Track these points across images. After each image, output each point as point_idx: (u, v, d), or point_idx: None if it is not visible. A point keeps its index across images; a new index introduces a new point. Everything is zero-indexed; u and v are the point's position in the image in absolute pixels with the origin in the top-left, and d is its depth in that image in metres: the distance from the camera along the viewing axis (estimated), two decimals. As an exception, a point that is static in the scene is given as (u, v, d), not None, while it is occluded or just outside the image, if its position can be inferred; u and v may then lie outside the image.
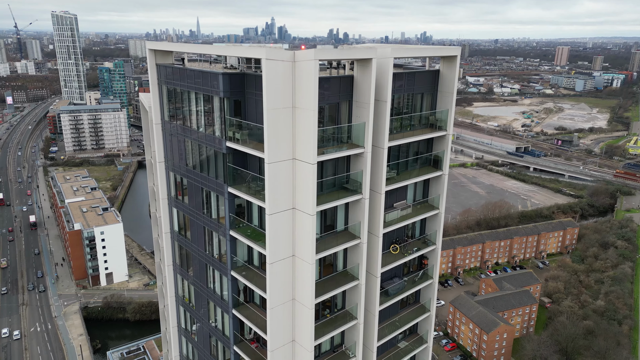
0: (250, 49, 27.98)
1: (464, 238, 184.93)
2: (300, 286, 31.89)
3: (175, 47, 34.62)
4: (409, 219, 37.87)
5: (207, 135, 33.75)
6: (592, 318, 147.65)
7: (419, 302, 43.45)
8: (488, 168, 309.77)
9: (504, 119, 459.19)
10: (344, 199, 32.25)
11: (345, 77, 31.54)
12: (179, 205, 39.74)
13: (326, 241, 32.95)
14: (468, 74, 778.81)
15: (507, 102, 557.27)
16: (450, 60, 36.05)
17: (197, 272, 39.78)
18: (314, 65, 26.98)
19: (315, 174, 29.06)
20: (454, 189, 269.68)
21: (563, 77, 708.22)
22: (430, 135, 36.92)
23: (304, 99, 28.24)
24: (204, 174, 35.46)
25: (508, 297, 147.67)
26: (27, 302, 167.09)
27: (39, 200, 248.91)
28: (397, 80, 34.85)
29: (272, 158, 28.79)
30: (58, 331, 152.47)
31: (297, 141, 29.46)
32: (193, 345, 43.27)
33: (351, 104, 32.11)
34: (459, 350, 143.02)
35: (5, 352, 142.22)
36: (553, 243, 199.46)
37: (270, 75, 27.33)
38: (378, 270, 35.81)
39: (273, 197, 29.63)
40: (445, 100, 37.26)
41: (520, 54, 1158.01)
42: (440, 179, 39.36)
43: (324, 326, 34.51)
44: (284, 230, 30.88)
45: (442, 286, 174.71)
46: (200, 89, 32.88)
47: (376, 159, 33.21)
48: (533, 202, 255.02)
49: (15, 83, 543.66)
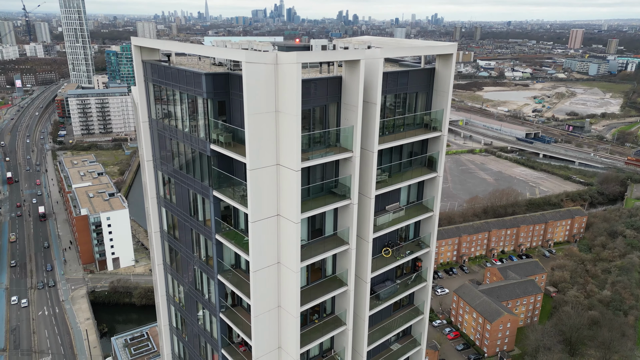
0: (231, 51, 26.75)
1: (469, 226, 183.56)
2: (285, 294, 31.19)
3: (159, 45, 33.47)
4: (402, 222, 36.85)
5: (192, 136, 32.80)
6: (598, 308, 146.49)
7: (412, 304, 42.66)
8: (497, 154, 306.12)
9: (515, 103, 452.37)
10: (331, 205, 31.28)
11: (333, 79, 30.28)
12: (168, 205, 39.05)
13: (313, 247, 32.08)
14: (479, 57, 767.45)
15: (518, 87, 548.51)
16: (446, 58, 34.52)
17: (185, 273, 39.25)
18: (296, 69, 25.76)
19: (299, 181, 28.05)
20: (462, 176, 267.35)
21: (576, 60, 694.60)
22: (424, 136, 35.62)
23: (286, 103, 27.09)
24: (190, 176, 34.63)
25: (513, 286, 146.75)
26: (36, 286, 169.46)
27: (48, 185, 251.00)
28: (390, 80, 33.49)
29: (254, 164, 27.78)
30: (65, 315, 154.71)
31: (280, 146, 28.40)
32: (184, 345, 43.04)
33: (340, 105, 30.89)
34: (462, 338, 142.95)
35: (14, 335, 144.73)
36: (560, 232, 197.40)
37: (251, 79, 26.16)
38: (368, 275, 34.97)
39: (256, 204, 28.72)
40: (440, 99, 35.82)
41: (534, 36, 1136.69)
42: (434, 180, 38.13)
43: (312, 332, 33.89)
44: (268, 238, 30.04)
45: (446, 274, 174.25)
46: (185, 88, 31.83)
47: (366, 163, 32.08)
48: (541, 189, 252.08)
49: (24, 66, 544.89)
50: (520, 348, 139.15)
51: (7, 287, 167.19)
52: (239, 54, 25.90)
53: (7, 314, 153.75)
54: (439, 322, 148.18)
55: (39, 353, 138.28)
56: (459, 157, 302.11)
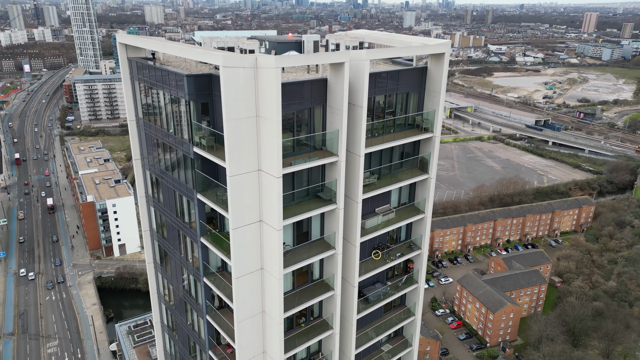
0: (208, 54, 25.84)
1: (475, 215, 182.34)
2: (269, 300, 30.80)
3: (141, 43, 32.62)
4: (392, 224, 36.14)
5: (176, 137, 32.19)
6: (603, 299, 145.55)
7: (404, 305, 42.17)
8: (505, 142, 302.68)
9: (525, 90, 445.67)
10: (315, 210, 30.64)
11: (318, 81, 29.36)
12: (156, 205, 38.68)
13: (299, 252, 31.57)
14: (490, 41, 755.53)
15: (529, 72, 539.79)
16: (439, 57, 33.39)
17: (174, 273, 39.02)
18: (275, 74, 24.90)
19: (280, 187, 27.38)
20: (469, 164, 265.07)
21: (589, 45, 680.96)
22: (414, 138, 34.68)
23: (267, 108, 26.30)
24: (175, 177, 34.12)
25: (517, 276, 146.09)
26: (43, 271, 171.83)
27: (56, 171, 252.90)
28: (380, 80, 32.51)
29: (234, 170, 27.13)
30: (72, 300, 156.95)
31: (262, 152, 27.69)
32: (174, 343, 43.08)
33: (325, 108, 30.04)
34: (464, 328, 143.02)
35: (22, 320, 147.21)
36: (567, 221, 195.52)
37: (230, 83, 25.36)
38: (355, 279, 34.45)
39: (237, 210, 28.14)
40: (432, 99, 34.77)
41: (547, 20, 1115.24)
42: (426, 182, 37.25)
43: (298, 337, 33.58)
44: (250, 244, 29.54)
45: (451, 263, 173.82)
46: (168, 88, 31.13)
47: (352, 166, 31.33)
48: (550, 177, 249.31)
49: (32, 50, 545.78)
50: (523, 338, 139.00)
51: (15, 272, 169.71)
52: (216, 57, 25.07)
53: (16, 298, 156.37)
54: (442, 312, 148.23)
55: (46, 337, 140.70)
56: (466, 145, 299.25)
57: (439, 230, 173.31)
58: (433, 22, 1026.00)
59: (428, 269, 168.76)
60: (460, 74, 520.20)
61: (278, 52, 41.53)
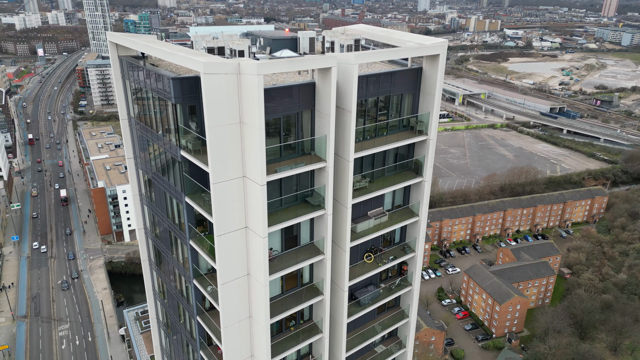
0: (189, 59, 25.19)
1: (484, 205, 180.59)
2: (255, 305, 30.64)
3: (128, 43, 32.08)
4: (385, 228, 35.59)
5: (164, 139, 31.87)
6: (612, 292, 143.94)
7: (399, 306, 41.82)
8: (518, 130, 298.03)
9: (541, 76, 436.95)
10: (303, 216, 30.21)
11: (305, 85, 28.65)
12: (149, 204, 38.60)
13: (287, 258, 31.27)
14: (506, 25, 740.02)
15: (545, 58, 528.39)
16: (434, 58, 32.40)
17: (167, 272, 39.09)
18: (257, 81, 24.29)
19: (264, 195, 26.96)
20: (480, 152, 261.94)
21: (609, 30, 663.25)
22: (407, 141, 33.86)
23: (249, 115, 25.75)
24: (165, 179, 33.90)
25: (525, 268, 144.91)
26: (55, 255, 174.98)
27: (69, 156, 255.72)
28: (372, 82, 31.67)
29: (217, 178, 26.75)
30: (83, 284, 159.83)
31: (246, 159, 27.23)
32: (169, 340, 43.41)
33: (314, 112, 29.39)
34: (471, 318, 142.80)
35: (35, 303, 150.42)
36: (579, 212, 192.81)
37: (212, 90, 24.82)
38: (345, 283, 34.12)
39: (221, 217, 27.83)
40: (427, 101, 33.86)
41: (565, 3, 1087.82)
42: (420, 185, 36.50)
43: (287, 341, 33.48)
44: (236, 250, 29.29)
45: (459, 253, 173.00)
46: (155, 90, 30.70)
47: (342, 171, 30.75)
48: (563, 167, 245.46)
49: (46, 34, 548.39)
50: (529, 329, 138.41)
51: (28, 256, 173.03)
52: (197, 64, 24.49)
53: (29, 282, 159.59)
54: (448, 302, 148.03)
55: (57, 321, 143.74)
56: (479, 132, 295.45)
57: (448, 219, 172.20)
58: (448, 5, 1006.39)
59: (435, 258, 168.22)
60: (475, 59, 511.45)
61: (273, 50, 40.82)
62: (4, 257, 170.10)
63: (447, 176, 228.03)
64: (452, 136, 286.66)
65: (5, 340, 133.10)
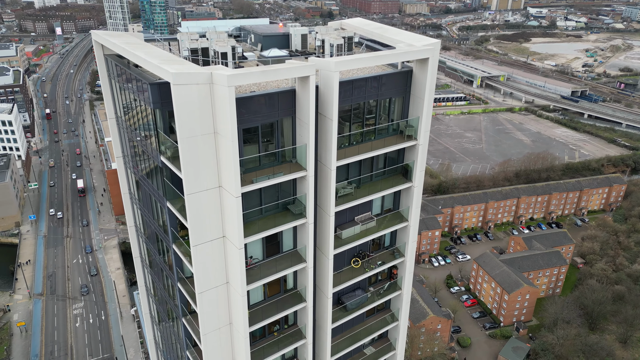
0: (160, 68, 24.35)
1: (498, 192, 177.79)
2: (235, 313, 30.47)
3: (110, 45, 31.39)
4: (372, 234, 34.90)
5: (146, 143, 31.49)
6: (625, 283, 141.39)
7: (389, 309, 41.38)
8: (537, 113, 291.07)
9: (564, 57, 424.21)
10: (284, 225, 29.67)
11: (285, 92, 27.74)
12: (137, 203, 38.55)
13: (267, 266, 30.92)
14: (530, 4, 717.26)
15: (569, 38, 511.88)
16: (424, 61, 31.10)
17: (156, 271, 39.23)
18: (228, 92, 23.54)
19: (239, 207, 26.44)
20: (497, 136, 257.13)
21: (638, 8, 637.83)
22: (395, 147, 32.84)
23: (222, 126, 25.08)
24: (149, 181, 33.65)
25: (536, 257, 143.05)
26: (71, 234, 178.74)
27: (85, 136, 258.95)
28: (358, 86, 30.59)
29: (191, 189, 26.29)
30: (98, 264, 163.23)
31: (222, 169, 26.67)
32: (161, 335, 43.90)
33: (295, 119, 28.58)
34: (479, 306, 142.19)
35: (50, 281, 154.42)
36: (596, 200, 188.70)
37: (183, 101, 24.15)
38: (329, 290, 33.70)
39: (197, 227, 27.47)
40: (417, 106, 32.68)
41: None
42: (410, 190, 35.57)
43: (270, 346, 33.38)
44: (214, 259, 28.99)
45: (470, 240, 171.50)
46: (135, 92, 30.20)
47: (324, 179, 30.02)
48: (582, 152, 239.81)
49: (64, 13, 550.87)
50: (539, 319, 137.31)
51: (45, 235, 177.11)
52: (167, 73, 23.79)
53: (45, 260, 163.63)
54: (457, 289, 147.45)
55: (72, 299, 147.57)
56: (496, 116, 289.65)
57: (460, 206, 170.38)
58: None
59: (446, 245, 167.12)
60: (496, 39, 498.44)
61: (264, 46, 39.88)
62: (22, 236, 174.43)
63: (461, 161, 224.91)
64: (469, 120, 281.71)
65: (22, 317, 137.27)
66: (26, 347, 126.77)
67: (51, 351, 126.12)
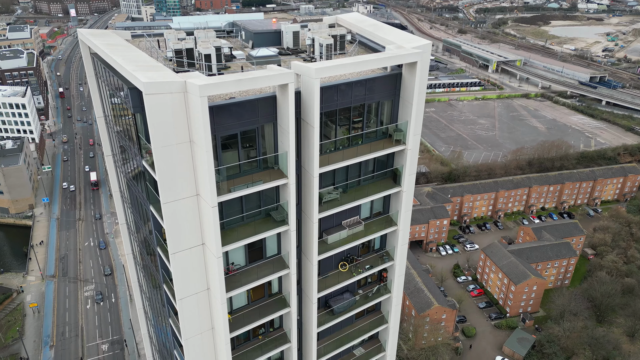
0: (133, 75, 23.75)
1: (509, 181, 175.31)
2: (216, 319, 30.38)
3: (92, 45, 30.91)
4: (360, 238, 34.37)
5: (130, 145, 31.22)
6: (636, 275, 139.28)
7: (379, 311, 41.05)
8: (554, 100, 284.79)
9: (584, 41, 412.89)
10: (265, 233, 29.30)
11: (265, 99, 27.04)
12: (126, 202, 38.53)
13: (249, 272, 30.66)
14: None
15: (590, 21, 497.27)
16: (412, 65, 30.07)
17: (146, 270, 39.36)
18: (200, 103, 22.98)
19: (216, 217, 26.07)
20: (511, 123, 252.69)
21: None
22: (382, 152, 32.07)
23: (196, 135, 24.59)
24: (134, 183, 33.48)
25: (545, 248, 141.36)
26: (83, 217, 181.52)
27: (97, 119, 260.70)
28: (343, 90, 29.77)
29: (167, 198, 25.95)
30: (109, 247, 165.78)
31: (199, 177, 26.26)
32: (154, 330, 44.30)
33: (276, 126, 27.96)
34: (485, 296, 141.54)
35: (62, 263, 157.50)
36: (610, 190, 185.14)
37: (155, 111, 23.65)
38: (314, 295, 33.42)
39: (175, 235, 27.21)
40: (407, 110, 31.75)
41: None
42: (399, 195, 34.85)
43: (253, 351, 33.36)
44: (193, 267, 28.78)
45: (479, 229, 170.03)
46: (119, 95, 29.81)
47: (308, 186, 29.48)
48: (598, 140, 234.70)
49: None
50: (546, 310, 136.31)
51: (58, 218, 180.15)
52: (139, 82, 23.27)
53: (57, 242, 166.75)
54: (464, 279, 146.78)
55: (83, 281, 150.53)
56: (511, 102, 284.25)
57: (469, 195, 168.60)
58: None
59: (454, 234, 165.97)
60: (514, 22, 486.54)
61: (255, 44, 39.12)
62: (35, 218, 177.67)
63: (473, 148, 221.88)
64: (483, 106, 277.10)
65: (34, 298, 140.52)
66: (38, 328, 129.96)
67: (62, 332, 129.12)
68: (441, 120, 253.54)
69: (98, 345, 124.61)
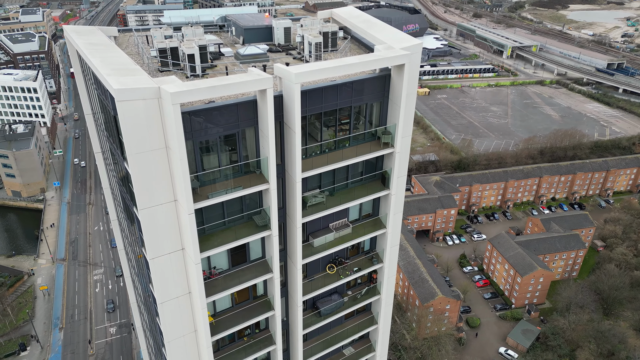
0: (107, 81, 23.22)
1: (519, 171, 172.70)
2: (197, 323, 30.26)
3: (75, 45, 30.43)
4: (348, 241, 33.86)
5: (113, 147, 30.91)
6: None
7: (370, 311, 40.72)
8: (569, 87, 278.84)
9: (603, 26, 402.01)
10: (247, 238, 28.90)
11: (245, 103, 26.33)
12: (116, 199, 38.42)
13: (232, 276, 30.40)
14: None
15: (611, 5, 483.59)
16: (400, 67, 29.11)
17: (138, 268, 39.40)
18: (173, 110, 22.43)
19: (193, 223, 25.70)
20: (524, 111, 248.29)
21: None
22: (369, 155, 31.30)
23: (171, 142, 24.09)
24: (121, 183, 33.26)
25: (553, 240, 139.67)
26: (93, 202, 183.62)
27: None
28: (329, 93, 28.98)
29: (144, 204, 25.62)
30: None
31: (176, 183, 25.86)
32: (147, 323, 44.56)
33: (257, 130, 27.35)
34: (491, 287, 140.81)
35: (73, 247, 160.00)
36: (623, 180, 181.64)
37: (128, 117, 23.18)
38: (299, 298, 33.13)
39: (153, 241, 26.95)
40: (395, 112, 30.88)
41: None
42: (387, 198, 34.15)
43: (238, 353, 33.30)
44: (173, 271, 28.56)
45: (487, 219, 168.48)
46: (102, 95, 29.38)
47: (291, 190, 28.95)
48: (613, 129, 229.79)
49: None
50: (552, 302, 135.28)
51: (69, 202, 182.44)
52: (112, 88, 22.73)
53: (68, 226, 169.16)
54: (470, 269, 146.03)
55: (93, 265, 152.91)
56: (524, 89, 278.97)
57: (478, 184, 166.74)
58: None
59: (462, 223, 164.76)
60: (531, 5, 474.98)
61: (246, 40, 38.37)
62: (46, 202, 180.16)
63: (484, 136, 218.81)
64: (496, 93, 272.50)
65: (45, 281, 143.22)
66: (48, 310, 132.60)
67: (72, 314, 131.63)
68: (453, 107, 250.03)
69: (106, 328, 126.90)
